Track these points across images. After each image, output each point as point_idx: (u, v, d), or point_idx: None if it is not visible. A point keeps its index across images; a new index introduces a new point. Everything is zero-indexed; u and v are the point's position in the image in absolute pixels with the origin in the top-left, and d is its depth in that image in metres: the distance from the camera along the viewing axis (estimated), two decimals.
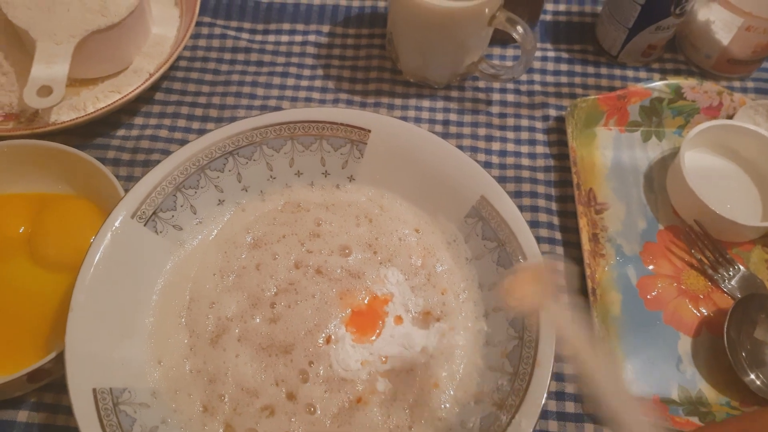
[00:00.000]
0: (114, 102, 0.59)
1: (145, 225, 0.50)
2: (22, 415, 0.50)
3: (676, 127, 0.66)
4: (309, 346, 0.49)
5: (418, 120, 0.66)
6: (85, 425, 0.41)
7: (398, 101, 0.67)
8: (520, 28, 0.59)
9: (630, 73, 0.70)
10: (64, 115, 0.61)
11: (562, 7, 0.74)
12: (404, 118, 0.66)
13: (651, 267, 0.58)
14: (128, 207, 0.49)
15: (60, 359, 0.46)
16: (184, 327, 0.49)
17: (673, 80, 0.64)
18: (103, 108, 0.59)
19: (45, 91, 0.57)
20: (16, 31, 0.62)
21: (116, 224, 0.48)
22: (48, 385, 0.50)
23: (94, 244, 0.47)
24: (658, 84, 0.64)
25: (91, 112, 0.59)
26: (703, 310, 0.56)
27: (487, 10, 0.58)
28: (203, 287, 0.51)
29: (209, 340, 0.49)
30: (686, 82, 0.64)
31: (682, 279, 0.57)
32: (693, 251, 0.58)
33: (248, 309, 0.50)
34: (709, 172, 0.61)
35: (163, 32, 0.67)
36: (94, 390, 0.43)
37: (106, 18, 0.60)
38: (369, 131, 0.55)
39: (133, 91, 0.60)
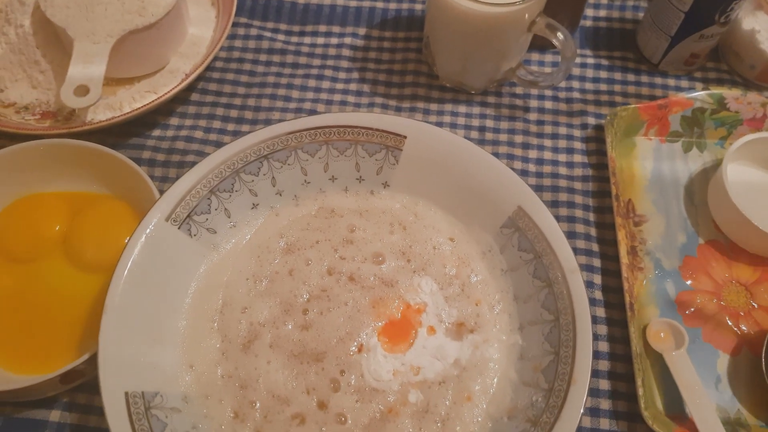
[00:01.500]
0: (150, 102, 0.59)
1: (179, 228, 0.49)
2: (55, 415, 0.50)
3: (718, 138, 0.64)
4: (341, 355, 0.49)
5: (453, 126, 0.65)
6: (116, 429, 0.41)
7: (434, 106, 0.66)
8: (560, 35, 0.58)
9: (671, 82, 0.68)
10: (101, 114, 0.61)
11: (602, 13, 0.73)
12: (440, 124, 0.65)
13: (690, 282, 0.56)
14: (163, 210, 0.49)
15: (93, 360, 0.46)
16: (216, 331, 0.49)
17: (716, 90, 0.63)
18: (139, 108, 0.59)
19: (82, 90, 0.57)
20: (54, 30, 0.62)
21: (150, 227, 0.48)
22: (81, 386, 0.50)
23: (128, 247, 0.47)
24: (701, 94, 0.62)
25: (127, 112, 0.59)
26: (744, 328, 0.55)
27: (527, 16, 0.57)
28: (236, 292, 0.51)
29: (241, 346, 0.49)
30: (729, 93, 0.62)
31: (722, 295, 0.56)
32: None
33: (280, 315, 0.50)
34: (752, 186, 0.60)
35: (200, 33, 0.67)
36: (126, 393, 0.43)
37: (144, 18, 0.60)
38: (405, 137, 0.54)
39: (169, 91, 0.60)
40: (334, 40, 0.71)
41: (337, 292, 0.51)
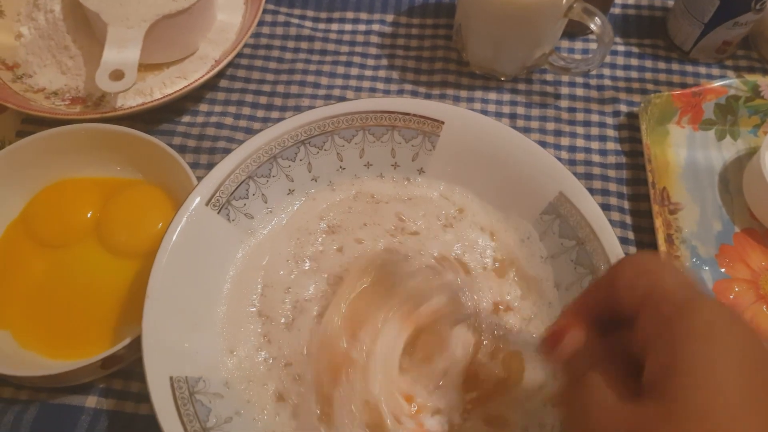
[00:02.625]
0: (182, 88, 0.59)
1: (218, 212, 0.49)
2: (91, 401, 0.49)
3: (751, 126, 0.64)
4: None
5: (484, 113, 0.64)
6: (162, 414, 0.40)
7: (464, 93, 0.66)
8: (597, 20, 0.57)
9: (702, 70, 0.68)
10: (131, 100, 0.61)
11: (631, 1, 0.72)
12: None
13: (727, 270, 0.56)
14: (203, 193, 0.48)
15: (132, 345, 0.46)
16: (256, 316, 0.49)
17: (750, 78, 0.62)
18: (171, 94, 0.59)
19: (117, 74, 0.56)
20: (85, 15, 0.62)
21: (191, 211, 0.47)
22: (116, 372, 0.49)
23: (169, 230, 0.46)
24: (735, 81, 0.62)
25: (159, 98, 0.59)
26: None
27: (564, 1, 0.57)
28: (276, 274, 0.50)
29: (284, 326, 0.48)
30: (764, 80, 0.62)
31: (760, 284, 0.56)
32: None
33: (328, 288, 0.50)
34: None
35: (228, 19, 0.67)
36: (171, 378, 0.42)
37: (177, 3, 0.60)
38: (442, 123, 0.53)
39: (201, 77, 0.59)
40: (362, 27, 0.70)
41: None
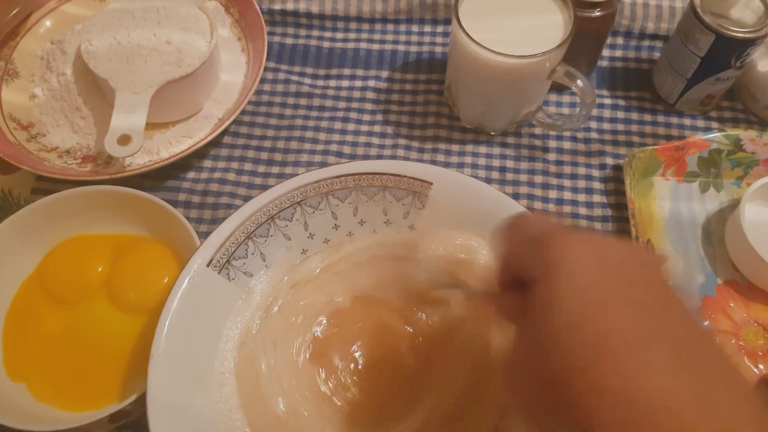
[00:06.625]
0: (187, 149, 0.62)
1: (219, 273, 0.52)
2: None
3: (734, 178, 0.66)
4: None
5: (475, 166, 0.67)
6: None
7: (455, 147, 0.69)
8: (579, 82, 0.60)
9: (687, 122, 0.70)
10: (139, 159, 0.64)
11: (618, 53, 0.75)
12: (461, 164, 0.67)
13: (709, 322, 0.58)
14: (204, 256, 0.51)
15: (139, 401, 0.49)
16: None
17: (732, 132, 0.64)
18: (176, 154, 0.62)
19: (124, 139, 0.60)
20: (95, 78, 0.66)
21: (193, 273, 0.50)
22: (124, 424, 0.52)
23: (172, 293, 0.49)
24: (717, 135, 0.64)
25: (166, 158, 0.62)
26: (762, 368, 0.56)
27: (547, 65, 0.60)
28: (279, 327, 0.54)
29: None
30: (745, 134, 0.64)
31: (740, 335, 0.58)
32: None
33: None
34: None
35: (231, 79, 0.70)
36: None
37: (181, 68, 0.63)
38: (431, 183, 0.56)
39: (205, 137, 0.62)
40: (358, 83, 0.73)
41: None
